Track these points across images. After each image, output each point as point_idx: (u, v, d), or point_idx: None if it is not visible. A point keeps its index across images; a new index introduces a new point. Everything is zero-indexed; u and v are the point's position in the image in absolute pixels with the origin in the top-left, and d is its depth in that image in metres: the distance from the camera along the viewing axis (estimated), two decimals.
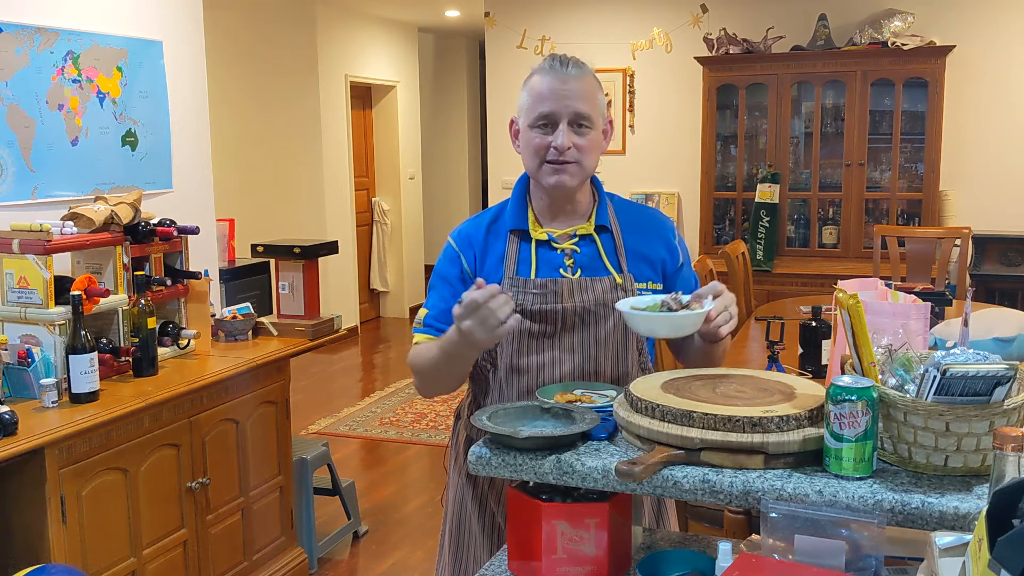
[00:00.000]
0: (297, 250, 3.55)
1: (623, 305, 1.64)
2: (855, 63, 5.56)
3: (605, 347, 1.78)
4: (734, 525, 2.37)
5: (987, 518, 0.94)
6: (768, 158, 5.85)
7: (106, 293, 2.71)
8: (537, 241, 1.79)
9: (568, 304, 1.75)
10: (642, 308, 1.63)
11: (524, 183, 1.86)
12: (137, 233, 2.94)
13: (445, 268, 1.85)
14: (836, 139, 5.76)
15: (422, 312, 1.85)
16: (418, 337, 1.84)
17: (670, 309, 1.61)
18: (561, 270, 1.78)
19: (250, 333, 3.36)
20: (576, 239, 1.80)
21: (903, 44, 5.45)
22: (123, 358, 2.83)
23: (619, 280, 1.77)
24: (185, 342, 3.08)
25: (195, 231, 3.14)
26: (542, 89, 1.74)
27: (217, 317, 3.33)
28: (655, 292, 1.81)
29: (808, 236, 5.92)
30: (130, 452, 2.63)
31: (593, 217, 1.81)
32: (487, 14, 6.88)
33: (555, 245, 1.79)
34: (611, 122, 1.84)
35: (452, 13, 7.99)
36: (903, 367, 1.36)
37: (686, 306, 1.62)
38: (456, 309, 1.57)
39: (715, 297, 1.64)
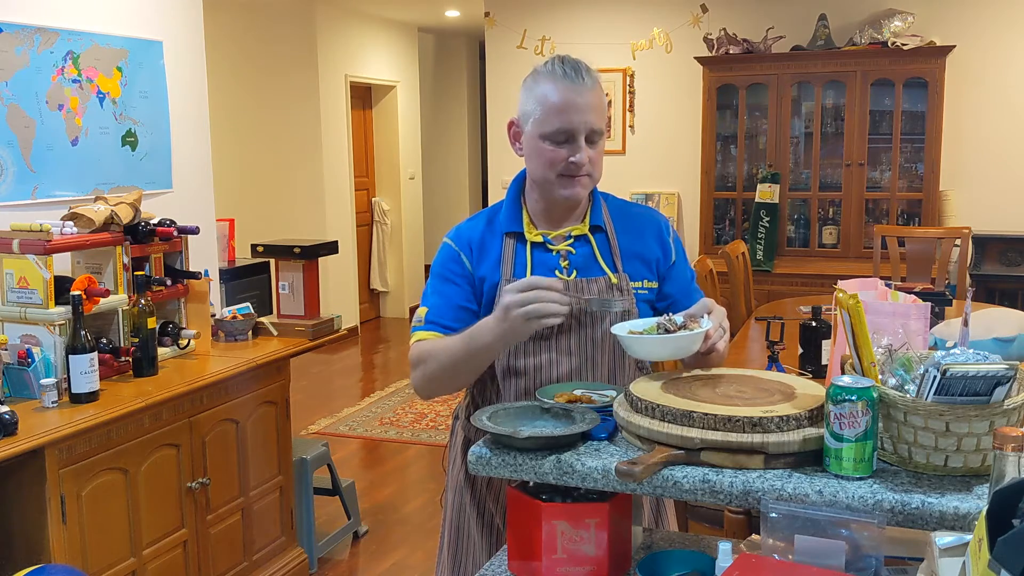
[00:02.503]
0: (297, 250, 3.55)
1: (619, 330, 1.61)
2: (855, 63, 5.56)
3: (602, 348, 1.77)
4: (734, 525, 2.37)
5: (987, 518, 0.94)
6: (768, 158, 5.85)
7: (106, 293, 2.71)
8: (533, 243, 1.79)
9: None
10: (638, 331, 1.60)
11: (519, 184, 1.85)
12: (137, 233, 2.94)
13: (447, 267, 1.82)
14: (836, 139, 5.76)
15: (422, 311, 1.82)
16: (420, 335, 1.79)
17: (666, 331, 1.57)
18: (556, 272, 1.77)
19: (250, 333, 3.36)
20: (571, 240, 1.79)
21: (903, 44, 5.45)
22: (123, 358, 2.83)
23: (614, 280, 1.76)
24: (185, 342, 3.08)
25: (195, 231, 3.14)
26: (556, 100, 1.69)
27: (217, 317, 3.33)
28: (651, 291, 1.80)
29: (808, 236, 5.92)
30: (130, 452, 2.63)
31: (587, 218, 1.81)
32: (487, 14, 6.88)
33: (550, 247, 1.79)
34: (609, 121, 1.83)
35: (452, 13, 7.99)
36: (903, 367, 1.36)
37: (682, 326, 1.59)
38: (509, 292, 1.57)
39: (708, 314, 1.63)
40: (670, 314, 1.62)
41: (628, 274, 1.78)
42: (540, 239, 1.79)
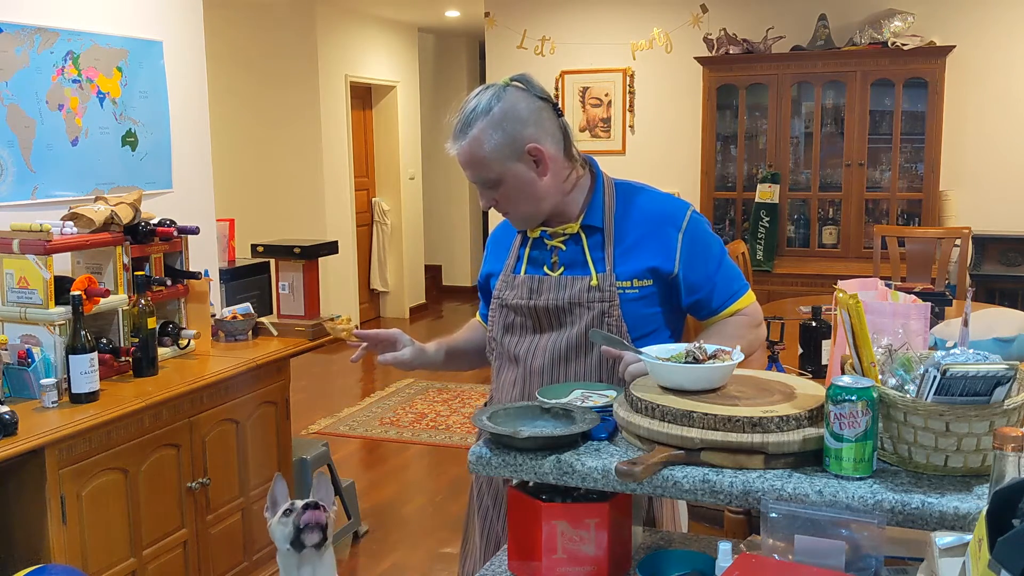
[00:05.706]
0: (297, 250, 3.55)
1: (647, 353, 1.53)
2: (855, 63, 5.56)
3: (576, 349, 1.77)
4: (734, 525, 2.37)
5: (987, 518, 0.94)
6: (768, 158, 5.85)
7: (106, 293, 2.71)
8: (533, 240, 1.84)
9: (540, 302, 1.79)
10: (666, 357, 1.51)
11: None
12: (137, 233, 2.94)
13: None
14: (836, 139, 5.77)
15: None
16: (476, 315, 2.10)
17: (695, 359, 1.49)
18: (545, 267, 1.82)
19: (250, 333, 3.36)
20: (565, 237, 1.81)
21: (903, 44, 5.44)
22: (123, 358, 2.83)
23: (594, 282, 1.75)
24: (185, 342, 3.08)
25: (195, 231, 3.14)
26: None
27: (217, 317, 3.33)
28: (642, 289, 1.76)
29: (808, 236, 5.92)
30: (130, 452, 2.63)
31: (581, 217, 1.81)
32: (487, 14, 6.88)
33: (546, 242, 1.83)
34: (537, 148, 1.72)
35: (452, 13, 7.99)
36: (903, 367, 1.36)
37: (713, 356, 1.50)
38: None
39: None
40: (701, 342, 1.55)
41: (617, 274, 1.76)
42: (538, 234, 1.84)
